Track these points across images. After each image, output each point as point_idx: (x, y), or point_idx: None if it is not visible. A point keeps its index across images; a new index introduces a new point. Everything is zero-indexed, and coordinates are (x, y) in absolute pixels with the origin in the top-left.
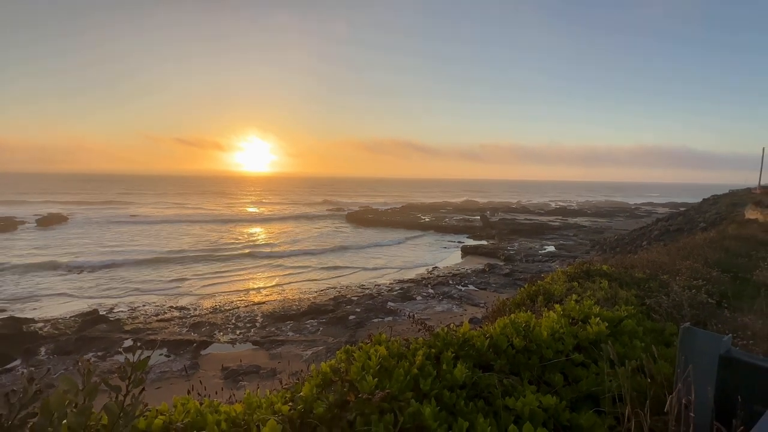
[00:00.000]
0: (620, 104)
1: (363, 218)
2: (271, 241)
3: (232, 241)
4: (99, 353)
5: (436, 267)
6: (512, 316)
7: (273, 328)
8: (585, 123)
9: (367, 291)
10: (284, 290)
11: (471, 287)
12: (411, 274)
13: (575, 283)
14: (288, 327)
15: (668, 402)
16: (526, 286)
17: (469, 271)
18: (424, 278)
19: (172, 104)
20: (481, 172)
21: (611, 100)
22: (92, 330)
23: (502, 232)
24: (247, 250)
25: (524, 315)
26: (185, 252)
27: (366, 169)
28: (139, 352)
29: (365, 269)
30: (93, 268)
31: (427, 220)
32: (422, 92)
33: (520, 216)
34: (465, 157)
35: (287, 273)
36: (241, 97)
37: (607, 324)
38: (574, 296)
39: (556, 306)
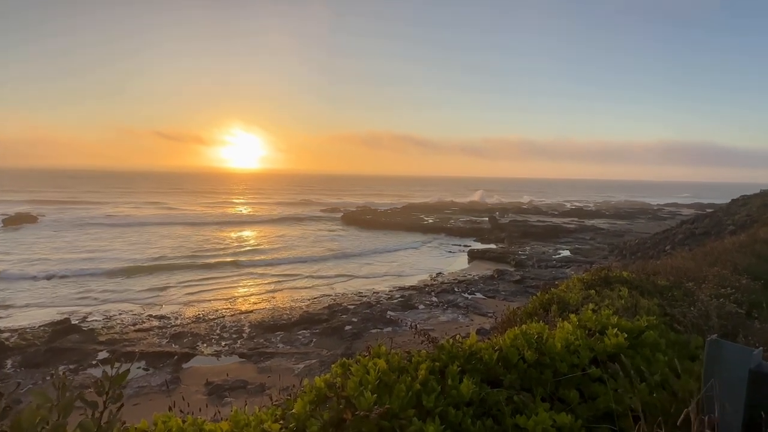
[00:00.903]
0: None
1: (360, 219)
2: (259, 247)
3: (217, 245)
4: (71, 366)
5: (440, 273)
6: (523, 326)
7: (261, 340)
8: (597, 116)
9: (364, 299)
10: (274, 298)
11: (478, 295)
12: (413, 281)
13: (592, 291)
14: (278, 338)
15: (693, 421)
16: (538, 294)
17: (476, 278)
18: (427, 285)
19: (151, 95)
20: (486, 169)
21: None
22: (63, 341)
23: (513, 235)
24: (230, 259)
25: (537, 326)
26: (165, 257)
27: (362, 165)
28: (117, 365)
29: (362, 275)
30: (65, 273)
31: (430, 221)
32: (421, 82)
33: (532, 217)
34: (467, 152)
35: (277, 280)
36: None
37: (626, 336)
38: (591, 305)
39: (572, 316)
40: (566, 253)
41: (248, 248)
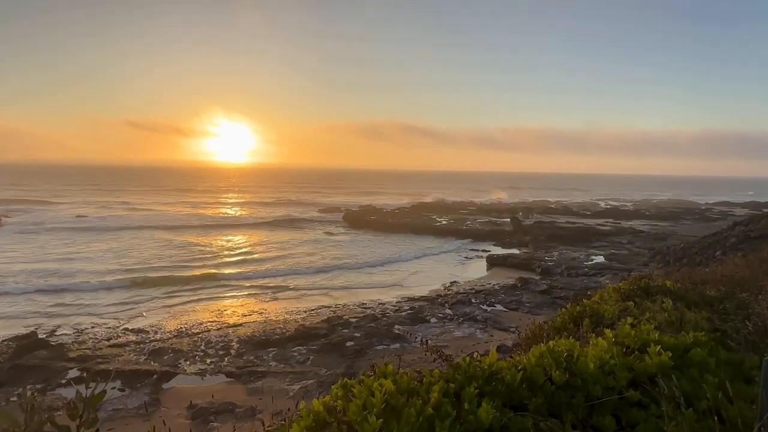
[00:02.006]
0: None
1: (364, 220)
2: (249, 253)
3: (201, 252)
4: (38, 385)
5: (454, 282)
6: (551, 343)
7: (252, 357)
8: (630, 102)
9: (368, 311)
10: (265, 309)
11: (499, 307)
12: (423, 291)
13: (630, 303)
14: (270, 355)
15: None
16: (568, 306)
17: (496, 287)
18: (440, 296)
19: (120, 81)
20: (504, 162)
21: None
22: (29, 357)
23: (538, 239)
24: (214, 270)
25: (566, 342)
26: (142, 265)
27: (361, 158)
28: (93, 385)
29: (366, 284)
30: (31, 281)
31: (443, 222)
32: (426, 63)
33: (560, 218)
34: (481, 143)
35: (268, 290)
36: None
37: (670, 354)
38: (629, 319)
39: (607, 331)
40: (600, 259)
41: (237, 255)
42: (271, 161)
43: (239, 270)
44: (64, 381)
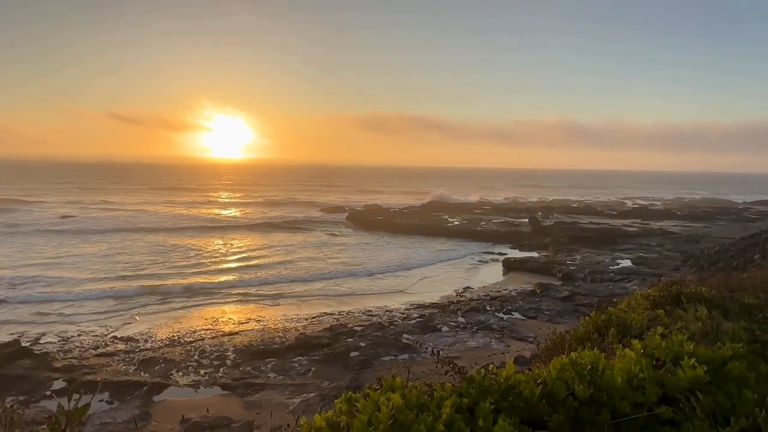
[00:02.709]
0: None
1: (369, 221)
2: (246, 259)
3: (192, 256)
4: (20, 397)
5: (468, 287)
6: (573, 355)
7: (249, 368)
8: (659, 91)
9: (374, 319)
10: (263, 317)
11: (516, 315)
12: (434, 297)
13: (661, 311)
14: (269, 366)
15: None
16: (592, 314)
17: (513, 294)
18: (452, 302)
19: (101, 69)
20: (520, 158)
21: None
22: (12, 366)
23: (559, 241)
24: (207, 275)
25: (590, 354)
26: (132, 268)
27: (365, 154)
28: (76, 397)
29: (372, 290)
30: (13, 286)
31: (456, 223)
32: (435, 52)
33: (583, 219)
34: (495, 137)
35: (266, 296)
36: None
37: (705, 368)
38: (660, 329)
39: (635, 342)
40: (627, 263)
41: (232, 259)
42: (268, 157)
43: (235, 275)
44: (48, 392)
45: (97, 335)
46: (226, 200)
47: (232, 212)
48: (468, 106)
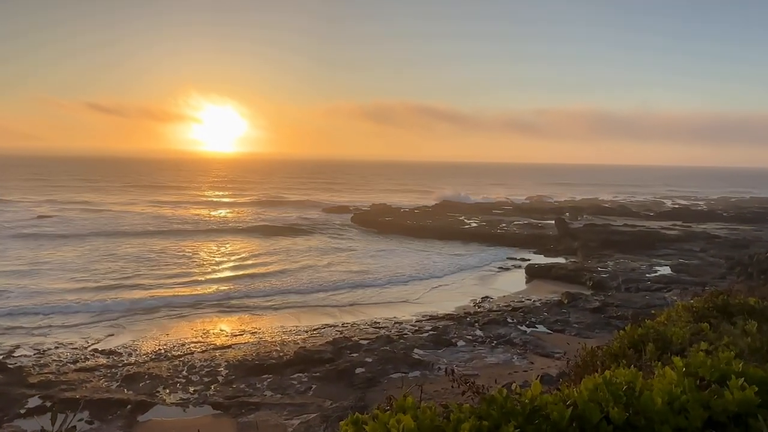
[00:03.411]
0: (761, 41)
1: (377, 222)
2: (237, 266)
3: (180, 262)
4: None
5: (486, 297)
6: (607, 373)
7: (243, 385)
8: (698, 74)
9: (382, 331)
10: (259, 328)
11: (540, 328)
12: (449, 307)
13: (705, 325)
14: (265, 383)
15: None
16: (626, 328)
17: (537, 304)
18: (469, 314)
19: (78, 56)
20: (544, 152)
21: (741, 34)
22: None
23: (589, 245)
24: (196, 284)
25: (626, 372)
26: (114, 275)
27: (369, 147)
28: (61, 418)
29: (379, 299)
30: None
31: (473, 225)
32: (444, 33)
33: (616, 220)
34: (515, 128)
35: (263, 306)
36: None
37: (756, 389)
38: (704, 345)
39: (676, 359)
40: (665, 270)
41: (225, 265)
42: (262, 150)
43: (227, 283)
44: (23, 411)
45: (76, 348)
46: (217, 199)
47: (224, 213)
48: (481, 94)
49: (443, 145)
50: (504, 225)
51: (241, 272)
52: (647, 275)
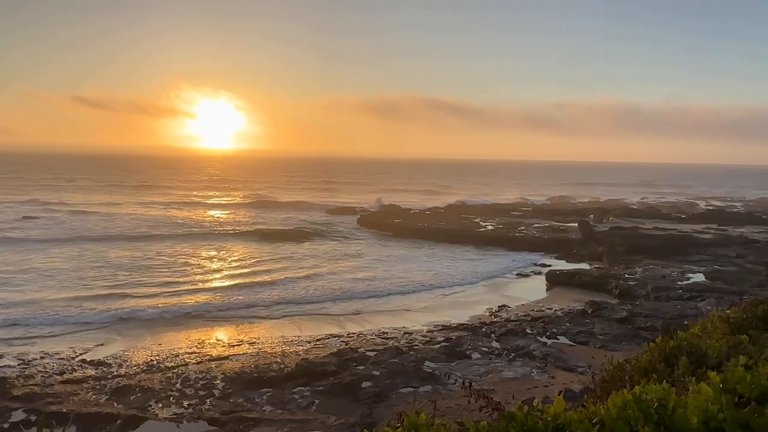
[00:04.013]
0: None
1: (384, 224)
2: (235, 273)
3: (173, 268)
4: None
5: (504, 305)
6: (637, 389)
7: (240, 399)
8: (730, 66)
9: (390, 342)
10: (258, 338)
11: (562, 340)
12: (462, 317)
13: (744, 337)
14: (264, 397)
15: None
16: (657, 340)
17: (559, 314)
18: (485, 324)
19: (61, 46)
20: (566, 149)
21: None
22: None
23: (616, 250)
24: (191, 291)
25: (657, 388)
26: (104, 281)
27: (376, 144)
28: None
29: (387, 308)
30: None
31: (489, 228)
32: (453, 23)
33: (645, 223)
34: (533, 123)
35: (260, 313)
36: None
37: None
38: (743, 359)
39: (711, 374)
40: (699, 277)
41: (222, 272)
42: (261, 147)
43: (224, 290)
44: (6, 425)
45: (62, 358)
46: (213, 200)
47: (220, 215)
48: (494, 88)
49: (454, 142)
50: (523, 228)
51: (239, 279)
52: (679, 283)
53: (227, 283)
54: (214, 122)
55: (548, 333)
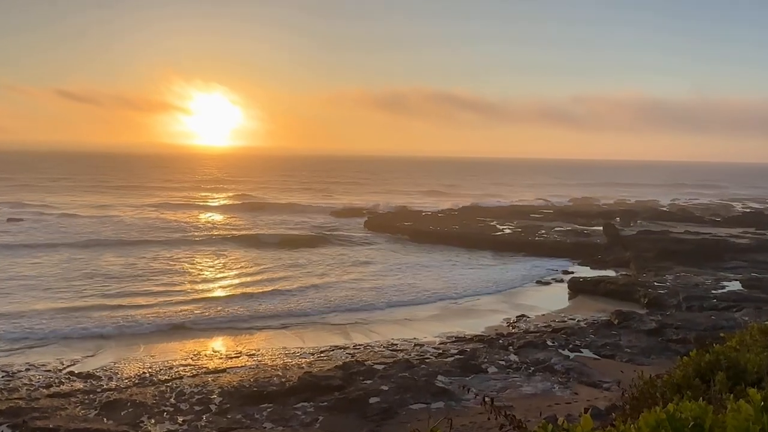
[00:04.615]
0: None
1: (393, 227)
2: (233, 282)
3: (167, 275)
4: None
5: (522, 315)
6: (670, 407)
7: (239, 415)
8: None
9: (400, 355)
10: (258, 350)
11: (586, 353)
12: (478, 327)
13: None
14: (264, 413)
15: None
16: (691, 353)
17: (582, 325)
18: (502, 335)
19: (44, 37)
20: (584, 146)
21: None
22: None
23: (644, 256)
24: (186, 301)
25: (692, 406)
26: (89, 290)
27: (382, 141)
28: None
29: (396, 317)
30: None
31: (507, 232)
32: (465, 11)
33: (676, 226)
34: (551, 119)
35: (260, 323)
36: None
37: None
38: None
39: (751, 391)
40: (735, 285)
41: (218, 280)
42: (259, 144)
43: (222, 299)
44: None
45: (49, 370)
46: (210, 202)
47: (218, 218)
48: (509, 80)
49: (466, 138)
50: (543, 231)
51: (238, 288)
52: (713, 291)
53: (225, 291)
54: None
55: (571, 345)
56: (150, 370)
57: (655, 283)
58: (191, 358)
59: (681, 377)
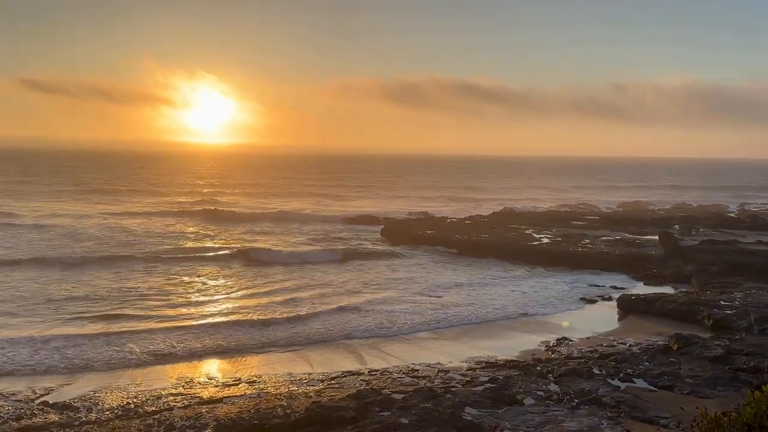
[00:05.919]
0: None
1: (414, 236)
2: (232, 307)
3: (152, 295)
4: None
5: (564, 338)
6: None
7: None
8: None
9: (422, 382)
10: (259, 377)
11: (640, 383)
12: (512, 351)
13: None
14: None
15: None
16: (764, 388)
17: (634, 350)
18: (540, 360)
19: (6, 22)
20: (627, 141)
21: None
22: None
23: (708, 270)
24: (169, 322)
25: None
26: (65, 309)
27: (392, 136)
28: None
29: (419, 339)
30: None
31: (545, 241)
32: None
33: (746, 236)
34: (588, 109)
35: (260, 347)
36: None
37: None
38: None
39: None
40: None
41: (214, 298)
42: (257, 142)
43: (218, 319)
44: None
45: (20, 400)
46: (200, 207)
47: (210, 229)
48: (537, 67)
49: (491, 133)
50: (587, 241)
51: (235, 309)
52: None
53: (222, 310)
54: (201, 111)
55: (621, 374)
56: (135, 400)
57: (722, 302)
58: (182, 386)
59: (751, 415)
